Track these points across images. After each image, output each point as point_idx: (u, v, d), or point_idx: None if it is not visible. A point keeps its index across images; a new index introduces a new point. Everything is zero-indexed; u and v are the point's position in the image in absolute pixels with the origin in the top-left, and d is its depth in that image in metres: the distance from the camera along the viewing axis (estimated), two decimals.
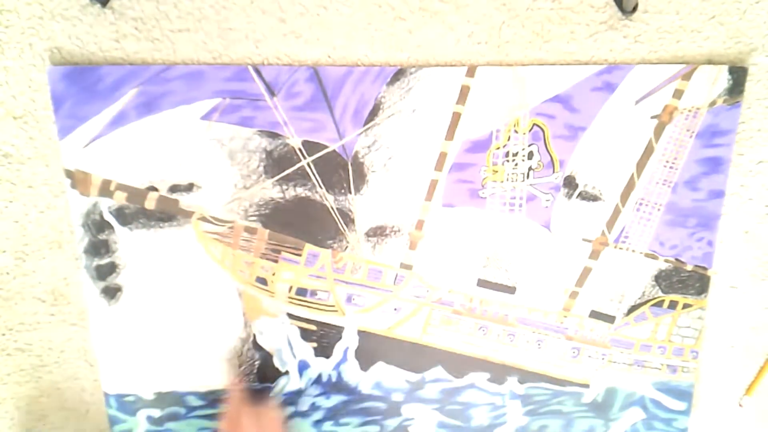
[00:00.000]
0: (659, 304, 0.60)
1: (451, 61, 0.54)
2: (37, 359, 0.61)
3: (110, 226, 0.56)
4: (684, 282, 0.60)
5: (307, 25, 0.53)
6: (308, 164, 0.55)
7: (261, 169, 0.55)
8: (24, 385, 0.61)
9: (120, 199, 0.55)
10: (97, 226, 0.56)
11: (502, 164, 0.56)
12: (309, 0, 0.53)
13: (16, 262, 0.58)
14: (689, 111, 0.55)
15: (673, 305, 0.60)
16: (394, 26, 0.53)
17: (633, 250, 0.59)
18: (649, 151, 0.56)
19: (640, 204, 0.58)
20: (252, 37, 0.53)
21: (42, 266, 0.58)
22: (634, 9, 0.53)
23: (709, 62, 0.55)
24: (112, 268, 0.57)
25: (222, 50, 0.53)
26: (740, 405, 0.66)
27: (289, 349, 0.60)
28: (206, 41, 0.53)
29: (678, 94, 0.55)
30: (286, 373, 0.61)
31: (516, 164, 0.56)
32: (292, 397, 0.62)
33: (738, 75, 0.54)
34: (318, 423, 0.63)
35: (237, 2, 0.52)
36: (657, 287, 0.60)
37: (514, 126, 0.55)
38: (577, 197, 0.57)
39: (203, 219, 0.56)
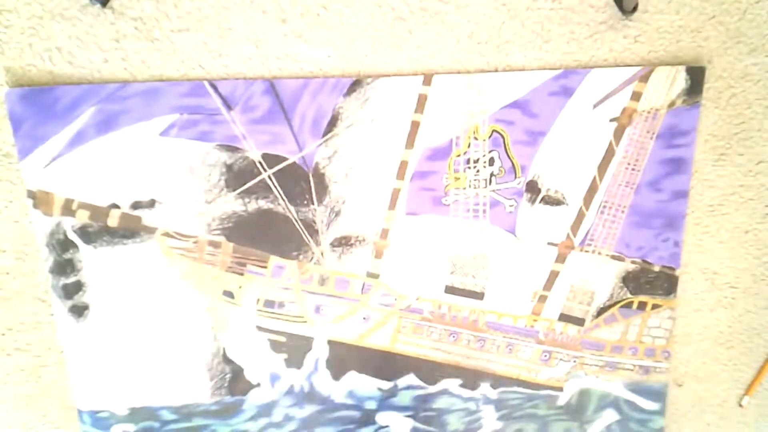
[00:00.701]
0: (628, 305, 0.60)
1: (450, 62, 0.54)
2: (37, 359, 0.61)
3: (74, 245, 0.56)
4: (652, 283, 0.60)
5: (308, 25, 0.53)
6: (269, 177, 0.55)
7: (222, 182, 0.55)
8: (24, 385, 0.61)
9: (83, 217, 0.55)
10: (61, 245, 0.56)
11: (464, 171, 0.56)
12: (309, 0, 0.52)
13: (16, 262, 0.58)
14: (648, 113, 0.55)
15: (642, 306, 0.60)
16: (395, 26, 0.53)
17: (599, 253, 0.59)
18: (610, 153, 0.56)
19: (604, 207, 0.58)
20: (252, 36, 0.53)
21: (42, 266, 0.58)
22: (634, 9, 0.53)
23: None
24: (78, 286, 0.57)
25: (222, 50, 0.53)
26: (740, 405, 0.66)
27: (259, 361, 0.60)
28: (206, 41, 0.53)
29: (636, 96, 0.55)
30: (258, 385, 0.61)
31: (477, 171, 0.56)
32: (265, 409, 0.62)
33: (696, 75, 0.54)
34: None
35: (237, 2, 0.52)
36: (625, 288, 0.60)
37: (474, 133, 0.55)
38: (540, 202, 0.57)
39: (167, 234, 0.56)
